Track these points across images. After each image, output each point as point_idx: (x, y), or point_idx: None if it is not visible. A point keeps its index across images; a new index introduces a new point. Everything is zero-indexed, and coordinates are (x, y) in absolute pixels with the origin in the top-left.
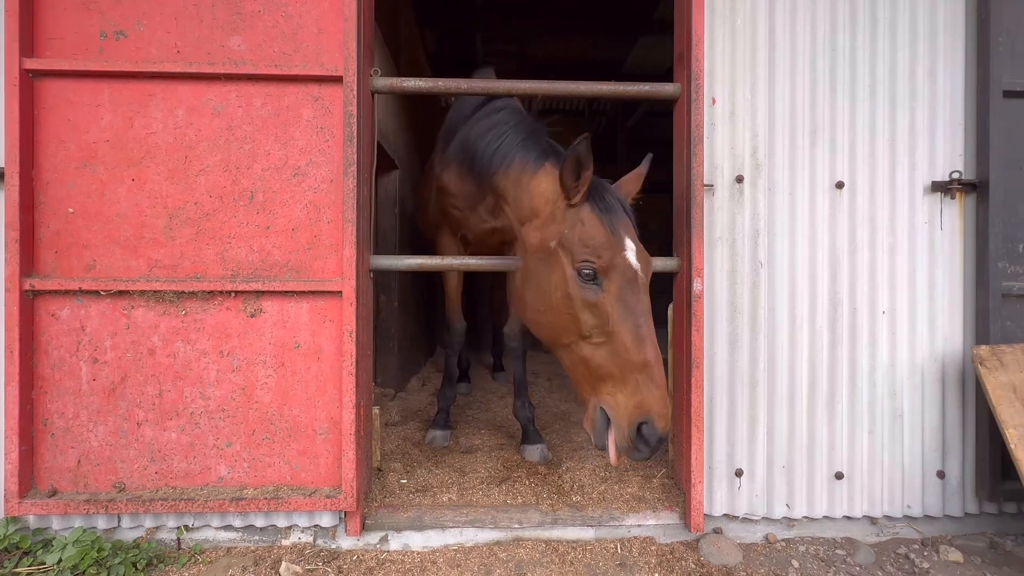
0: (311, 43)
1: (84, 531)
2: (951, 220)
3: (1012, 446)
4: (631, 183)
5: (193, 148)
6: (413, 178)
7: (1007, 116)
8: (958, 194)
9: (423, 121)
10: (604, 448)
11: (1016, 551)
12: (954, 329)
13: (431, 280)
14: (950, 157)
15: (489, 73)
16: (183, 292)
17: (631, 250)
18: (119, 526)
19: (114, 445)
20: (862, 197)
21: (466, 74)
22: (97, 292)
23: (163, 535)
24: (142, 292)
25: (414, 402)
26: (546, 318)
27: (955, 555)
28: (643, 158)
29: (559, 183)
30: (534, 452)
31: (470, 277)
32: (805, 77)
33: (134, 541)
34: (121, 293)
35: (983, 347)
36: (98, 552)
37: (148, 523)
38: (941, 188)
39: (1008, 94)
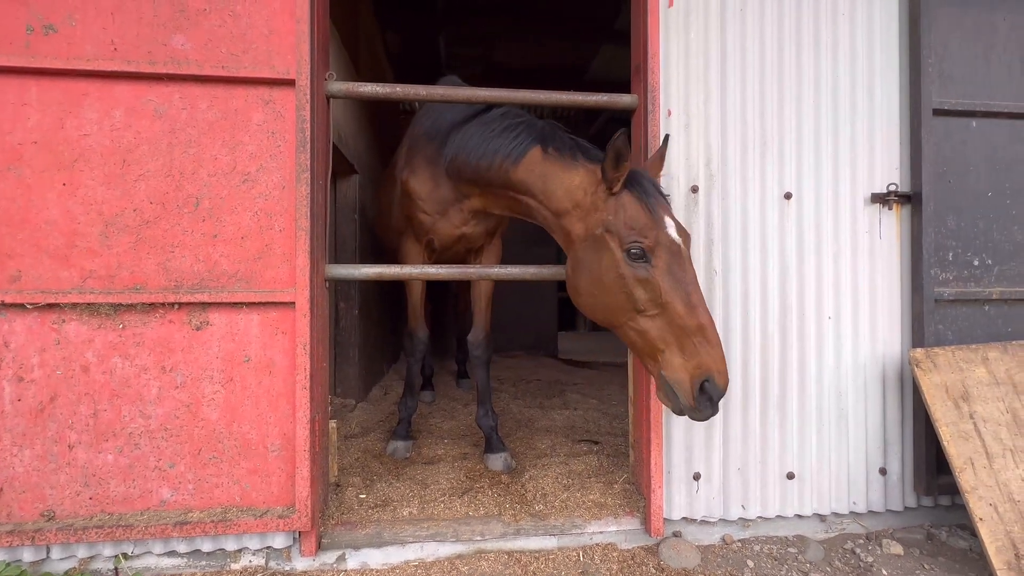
0: (261, 44)
1: (7, 565)
2: (889, 230)
3: (945, 443)
4: (655, 165)
5: (132, 151)
6: (374, 183)
7: (937, 132)
8: (895, 205)
9: (384, 124)
10: (681, 412)
11: (950, 541)
12: (893, 333)
13: (393, 286)
14: (888, 170)
15: (454, 79)
16: (120, 304)
17: (671, 227)
18: (48, 557)
19: (42, 470)
20: (808, 207)
21: (430, 78)
22: (23, 305)
23: (99, 564)
24: (74, 305)
25: (376, 412)
26: (601, 300)
27: (896, 548)
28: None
29: (600, 174)
30: (497, 461)
31: (434, 283)
32: (755, 91)
33: (66, 573)
34: (51, 306)
35: (918, 350)
36: None
37: (82, 553)
38: (880, 199)
39: (937, 112)
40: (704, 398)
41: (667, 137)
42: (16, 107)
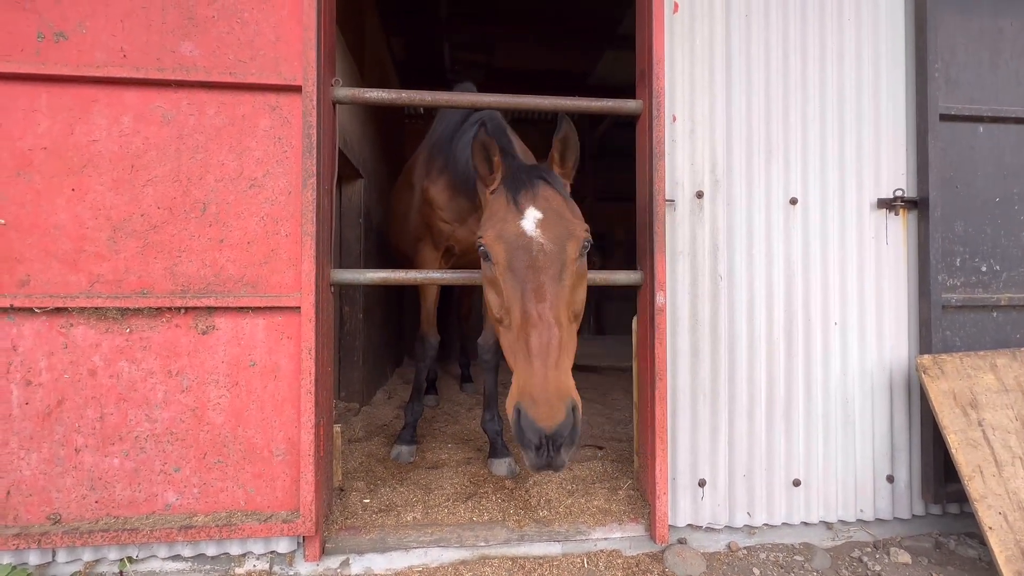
0: (268, 51)
1: (13, 568)
2: (896, 235)
3: (953, 450)
4: (554, 160)
5: (140, 157)
6: (379, 187)
7: (943, 137)
8: (901, 211)
9: (389, 128)
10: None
11: (959, 550)
12: (900, 339)
13: (398, 290)
14: (894, 175)
15: (470, 87)
16: (128, 309)
17: (530, 218)
18: (54, 560)
19: (49, 474)
20: (814, 213)
21: (434, 83)
22: (31, 309)
23: (104, 568)
24: (82, 309)
25: (379, 416)
26: (490, 315)
27: (904, 556)
28: (611, 168)
29: (476, 173)
30: (502, 466)
31: (442, 291)
32: (760, 98)
33: None
34: (59, 310)
35: (926, 356)
36: None
37: (87, 556)
38: (886, 205)
39: (944, 117)
40: (520, 432)
41: (565, 130)
42: (27, 113)
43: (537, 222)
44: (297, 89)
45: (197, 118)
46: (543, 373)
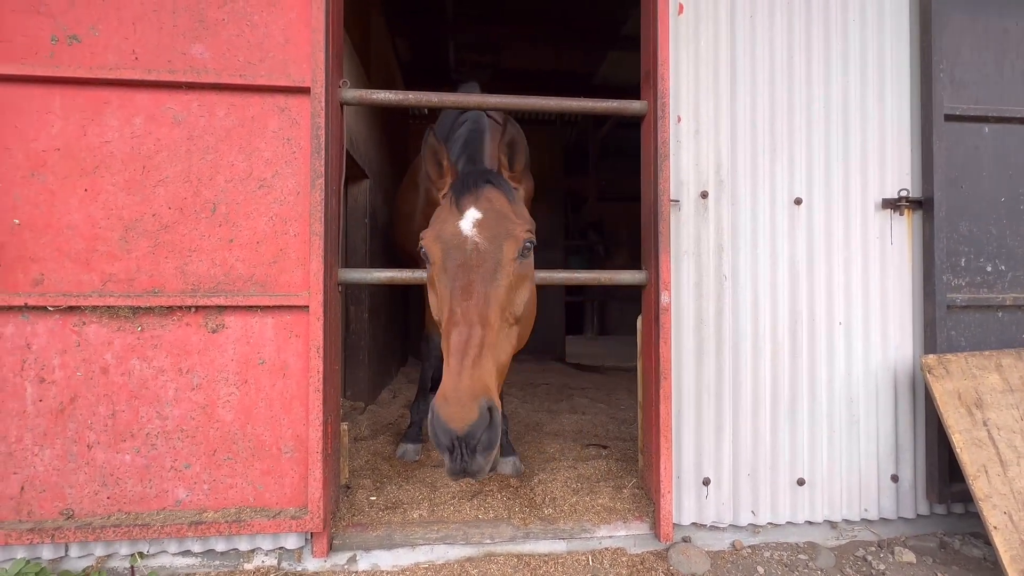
0: (277, 53)
1: (27, 562)
2: (900, 235)
3: (958, 450)
4: (503, 163)
5: (151, 158)
6: (385, 188)
7: (948, 138)
8: (906, 211)
9: (394, 129)
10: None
11: (963, 550)
12: (904, 339)
13: (403, 290)
14: (899, 176)
15: (474, 87)
16: (139, 307)
17: (468, 218)
18: (67, 555)
19: (62, 470)
20: (819, 213)
21: (440, 83)
22: (45, 308)
23: (116, 563)
24: (95, 308)
25: (385, 415)
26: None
27: (908, 556)
28: (613, 167)
29: (427, 178)
30: (506, 464)
31: None
32: (765, 98)
33: (83, 570)
34: (72, 309)
35: (930, 356)
36: None
37: (99, 551)
38: (891, 205)
39: (949, 117)
40: (432, 433)
41: (511, 134)
42: (40, 115)
43: (475, 222)
44: (306, 91)
45: (207, 119)
46: (457, 371)
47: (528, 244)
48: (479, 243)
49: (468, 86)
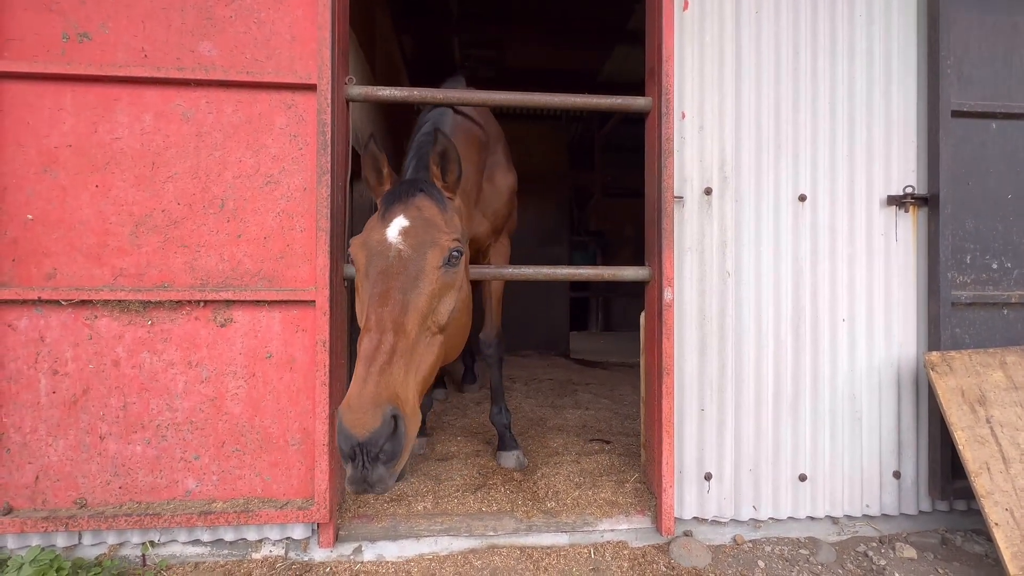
0: (284, 50)
1: (42, 550)
2: (905, 232)
3: (960, 447)
4: (434, 167)
5: (161, 154)
6: None
7: (955, 134)
8: (911, 207)
9: (399, 125)
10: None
11: (965, 546)
12: (908, 336)
13: None
14: (904, 172)
15: (459, 81)
16: (149, 302)
17: (395, 226)
18: (80, 543)
19: (75, 460)
20: (823, 209)
21: (441, 80)
22: (58, 302)
23: (127, 551)
24: (106, 302)
25: None
26: None
27: (910, 552)
28: (617, 162)
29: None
30: (510, 458)
31: None
32: (770, 94)
33: (96, 558)
34: (84, 303)
35: (934, 353)
36: (57, 571)
37: (111, 540)
38: (896, 202)
39: (956, 113)
40: (339, 443)
41: (442, 143)
42: (52, 112)
43: (401, 230)
44: (312, 88)
45: (215, 116)
46: (363, 377)
47: (455, 253)
48: (402, 250)
49: (454, 80)
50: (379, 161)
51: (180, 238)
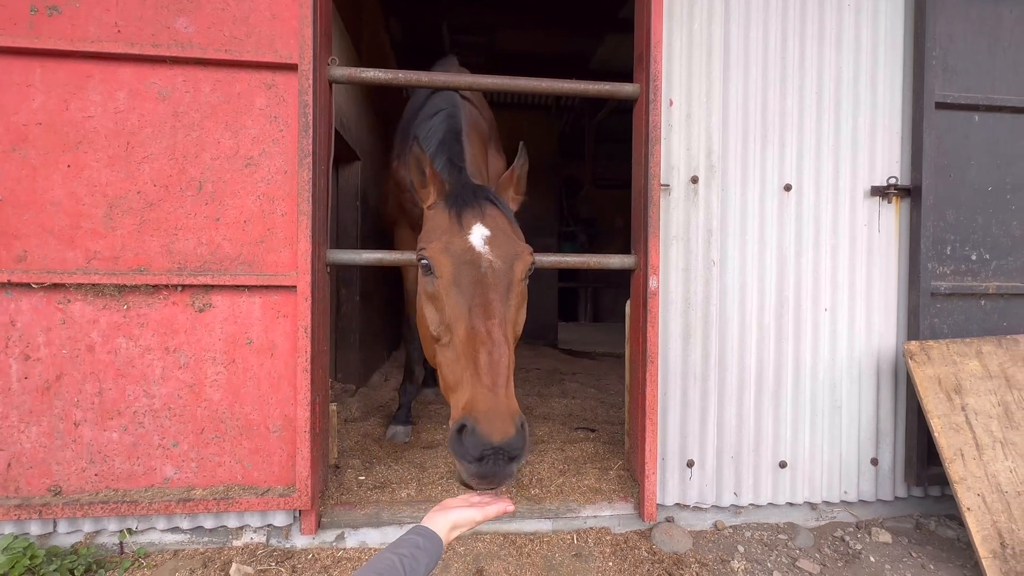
0: (264, 28)
1: (15, 538)
2: (888, 223)
3: (936, 434)
4: (505, 186)
5: (136, 134)
6: (376, 169)
7: (938, 126)
8: (894, 199)
9: (386, 110)
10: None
11: (938, 531)
12: (888, 325)
13: (394, 274)
14: (888, 163)
15: (452, 62)
16: (125, 286)
17: (476, 234)
18: (55, 531)
19: (49, 447)
20: (808, 200)
21: (432, 63)
22: (28, 285)
23: (104, 539)
24: (79, 285)
25: (376, 397)
26: (418, 327)
27: (885, 536)
28: (608, 153)
29: (410, 185)
30: None
31: None
32: (757, 83)
33: (72, 547)
34: (56, 286)
35: (913, 343)
36: (31, 559)
37: (87, 527)
38: (879, 192)
39: (940, 105)
40: (459, 445)
41: (522, 148)
42: (21, 88)
43: (485, 239)
44: (293, 67)
45: (193, 95)
46: (492, 388)
47: (532, 267)
48: (492, 261)
49: (446, 60)
50: (422, 162)
51: (156, 220)
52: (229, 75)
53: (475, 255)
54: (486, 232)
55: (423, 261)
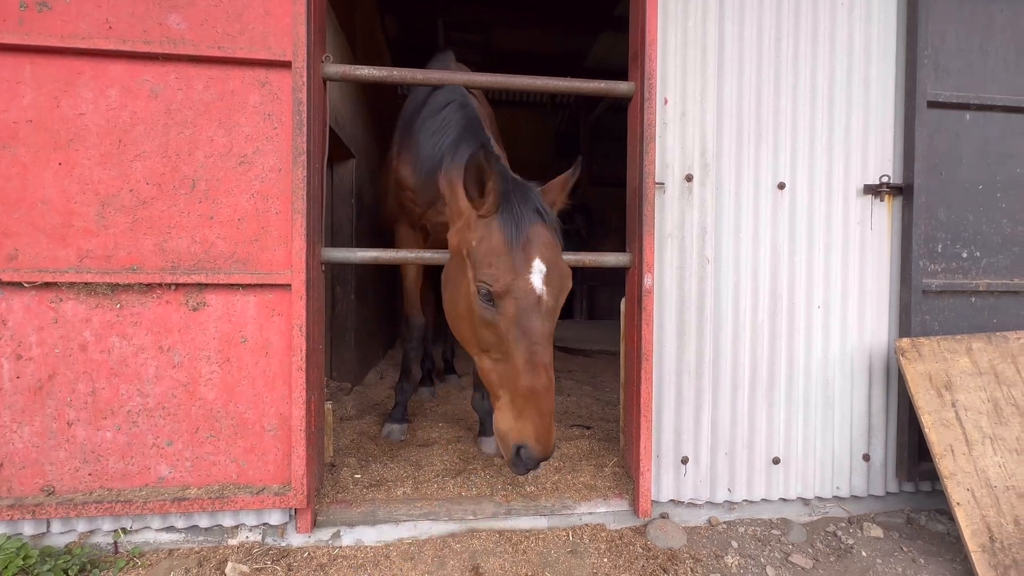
0: (258, 25)
1: (8, 538)
2: (880, 221)
3: (927, 430)
4: (555, 191)
5: (128, 132)
6: (371, 167)
7: (930, 124)
8: (887, 197)
9: (382, 107)
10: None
11: (929, 525)
12: (880, 323)
13: (390, 272)
14: (881, 161)
15: (448, 58)
16: (118, 284)
17: (538, 273)
18: (49, 531)
19: (42, 446)
20: (801, 198)
21: (428, 61)
22: (20, 284)
23: (99, 539)
24: (71, 284)
25: (372, 395)
26: (455, 324)
27: (876, 531)
28: (604, 152)
29: (464, 193)
30: (491, 444)
31: (433, 273)
32: (751, 81)
33: (66, 546)
34: (48, 285)
35: (904, 339)
36: (24, 559)
37: (81, 527)
38: (872, 191)
39: (932, 104)
40: (519, 459)
41: (579, 160)
42: (10, 85)
43: (543, 277)
44: (287, 65)
45: (185, 92)
46: (548, 421)
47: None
48: (547, 301)
49: (443, 56)
50: (486, 175)
51: (149, 219)
52: (222, 72)
53: (536, 297)
54: (543, 268)
55: (484, 291)
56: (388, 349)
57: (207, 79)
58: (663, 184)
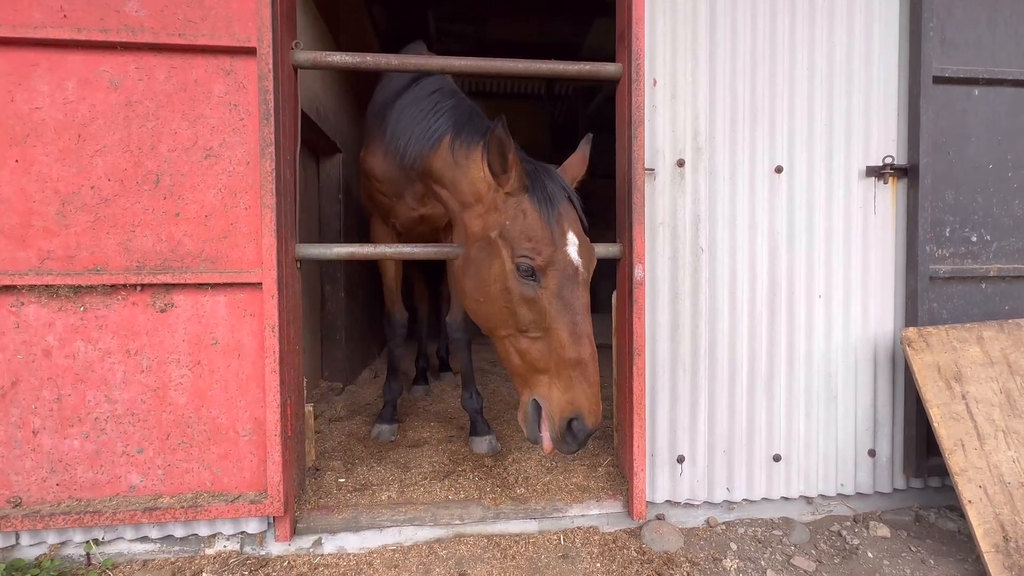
0: (220, 9)
1: None
2: (884, 205)
3: (936, 424)
4: (575, 167)
5: (87, 126)
6: (359, 161)
7: (936, 101)
8: (891, 179)
9: (368, 99)
10: (536, 441)
11: (939, 523)
12: (885, 312)
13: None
14: (884, 142)
15: (420, 48)
16: (81, 286)
17: (573, 245)
18: (18, 544)
19: (6, 457)
20: (800, 182)
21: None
22: None
23: (71, 551)
24: (32, 287)
25: (363, 395)
26: (485, 308)
27: (883, 530)
28: (603, 145)
29: (488, 170)
30: (482, 444)
31: (428, 266)
32: (746, 60)
33: (36, 559)
34: (7, 288)
35: (911, 329)
36: None
37: (52, 539)
38: (875, 173)
39: (938, 80)
40: (570, 434)
41: (589, 136)
42: None
43: (578, 249)
44: (251, 51)
45: (146, 83)
46: (596, 391)
47: None
48: (582, 273)
49: (415, 45)
50: (505, 146)
51: (112, 217)
52: (184, 61)
53: (574, 269)
54: (576, 241)
55: (525, 267)
56: (384, 347)
57: (169, 68)
58: (653, 170)
